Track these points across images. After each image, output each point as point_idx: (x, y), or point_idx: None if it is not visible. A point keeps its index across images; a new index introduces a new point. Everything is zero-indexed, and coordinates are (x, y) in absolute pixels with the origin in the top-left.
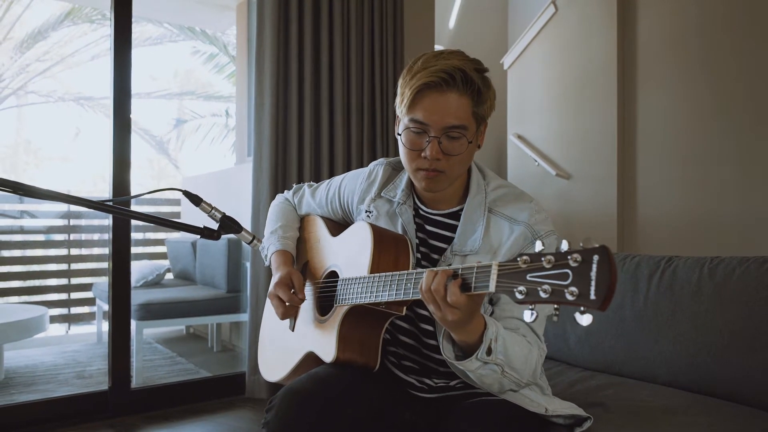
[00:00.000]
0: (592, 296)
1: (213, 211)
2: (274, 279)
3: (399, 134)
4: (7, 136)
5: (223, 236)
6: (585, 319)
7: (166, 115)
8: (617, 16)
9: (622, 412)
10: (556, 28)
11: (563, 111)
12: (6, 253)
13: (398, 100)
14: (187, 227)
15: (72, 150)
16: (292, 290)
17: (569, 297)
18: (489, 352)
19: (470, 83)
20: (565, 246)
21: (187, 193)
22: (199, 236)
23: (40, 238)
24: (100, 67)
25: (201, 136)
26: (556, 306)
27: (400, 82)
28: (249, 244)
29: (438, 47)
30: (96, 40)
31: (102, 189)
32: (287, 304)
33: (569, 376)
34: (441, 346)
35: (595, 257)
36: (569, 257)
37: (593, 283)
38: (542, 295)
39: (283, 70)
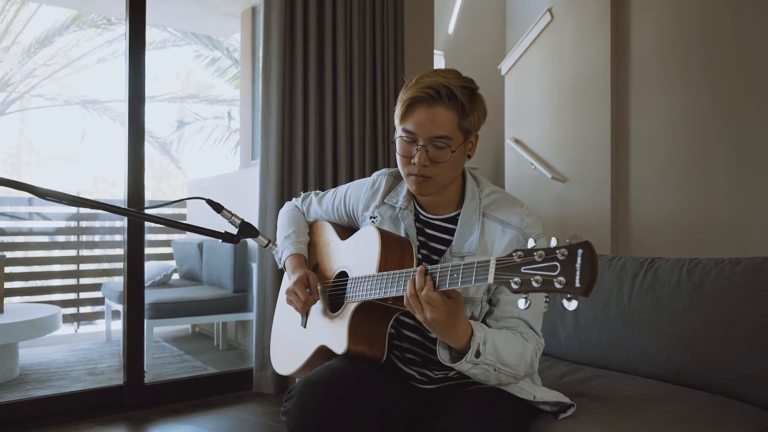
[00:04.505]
0: (577, 284)
1: (233, 217)
2: (293, 278)
3: (394, 141)
4: (11, 138)
5: None
6: (572, 305)
7: (168, 117)
8: (611, 23)
9: (604, 400)
10: (552, 35)
11: (559, 116)
12: (18, 254)
13: (395, 111)
14: (210, 232)
15: (75, 152)
16: (308, 290)
17: (558, 285)
18: (478, 354)
19: (455, 99)
20: (554, 242)
21: (210, 202)
22: (219, 239)
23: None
24: (105, 70)
25: (203, 138)
26: (546, 295)
27: (399, 95)
28: (265, 247)
29: (437, 52)
30: (101, 44)
31: (103, 190)
32: (303, 300)
33: (559, 369)
34: (438, 353)
35: (579, 251)
36: (557, 252)
37: (578, 273)
38: (534, 284)
39: (288, 77)
